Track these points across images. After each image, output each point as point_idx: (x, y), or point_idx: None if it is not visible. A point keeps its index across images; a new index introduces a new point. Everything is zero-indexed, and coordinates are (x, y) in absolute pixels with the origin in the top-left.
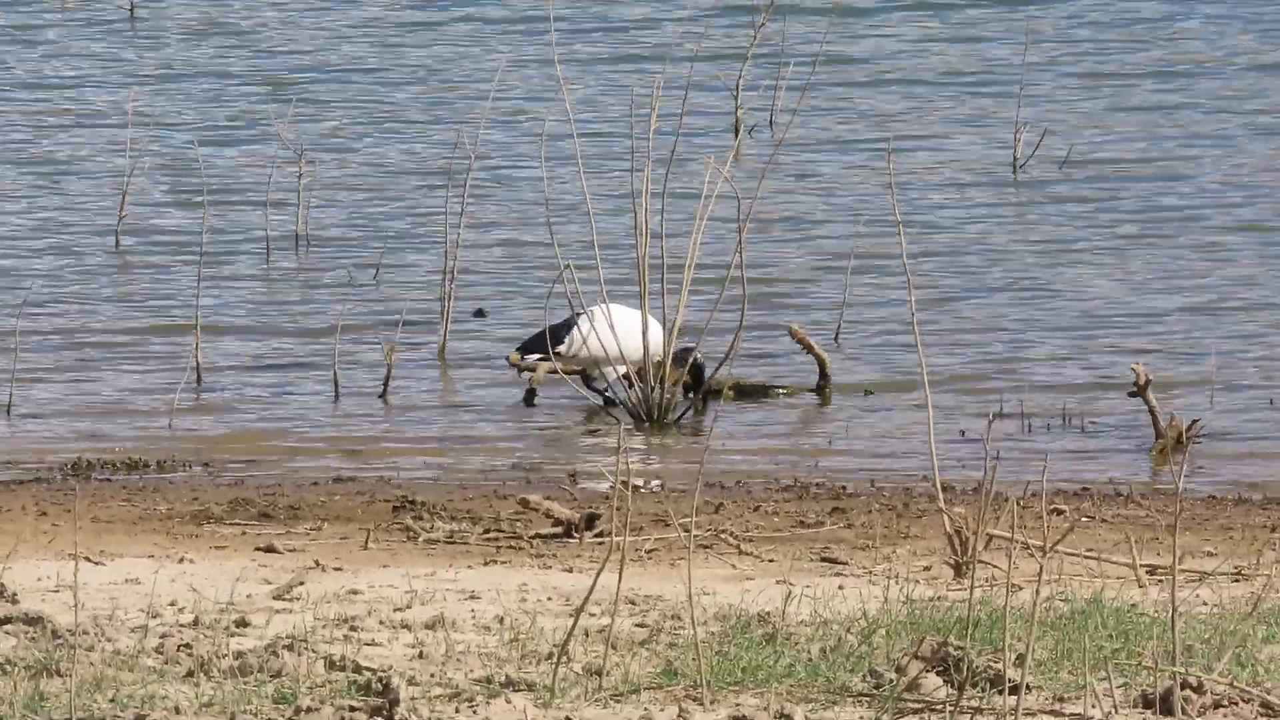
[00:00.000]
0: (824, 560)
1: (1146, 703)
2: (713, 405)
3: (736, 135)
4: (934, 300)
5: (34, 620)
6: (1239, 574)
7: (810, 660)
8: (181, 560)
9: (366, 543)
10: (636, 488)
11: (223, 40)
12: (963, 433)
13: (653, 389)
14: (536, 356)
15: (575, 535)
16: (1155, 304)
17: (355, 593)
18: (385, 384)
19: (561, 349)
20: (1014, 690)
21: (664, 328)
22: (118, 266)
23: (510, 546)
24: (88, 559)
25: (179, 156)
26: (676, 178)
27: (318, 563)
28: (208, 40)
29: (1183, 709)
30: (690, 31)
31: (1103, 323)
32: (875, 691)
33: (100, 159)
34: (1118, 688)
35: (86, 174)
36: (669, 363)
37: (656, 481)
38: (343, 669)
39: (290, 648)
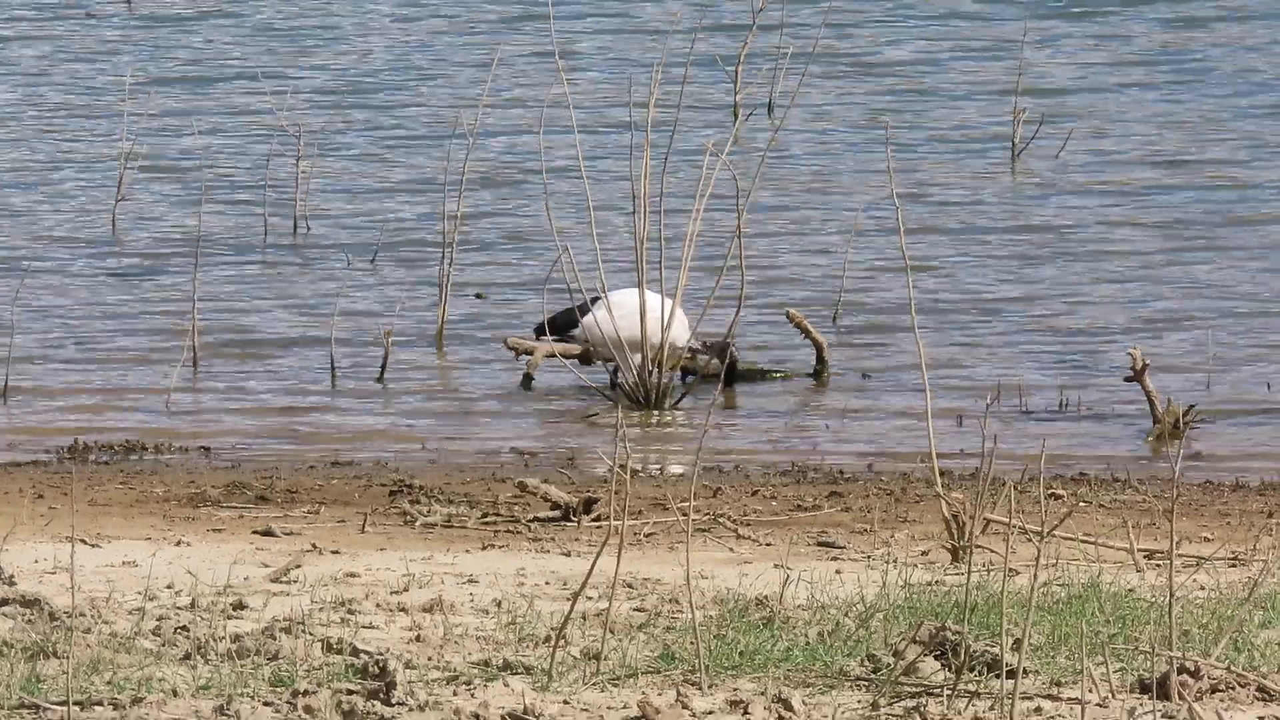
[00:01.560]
0: (821, 544)
1: (1143, 687)
2: (709, 390)
3: (735, 119)
4: (932, 285)
5: (31, 602)
6: (1236, 559)
7: (808, 644)
8: (178, 543)
9: (364, 526)
10: (634, 472)
11: (220, 26)
12: (960, 418)
13: (650, 373)
14: (554, 338)
15: (573, 519)
16: (1152, 289)
17: (352, 576)
18: (382, 367)
19: (576, 332)
20: (1011, 674)
21: (663, 307)
22: (115, 250)
23: (508, 530)
24: (85, 541)
25: (176, 140)
26: (674, 163)
27: (315, 546)
28: (205, 27)
29: (1179, 694)
30: (692, 3)
31: (1100, 308)
32: (873, 675)
33: (97, 143)
34: (1115, 672)
35: (83, 158)
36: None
37: (655, 465)
38: (340, 652)
39: (287, 630)
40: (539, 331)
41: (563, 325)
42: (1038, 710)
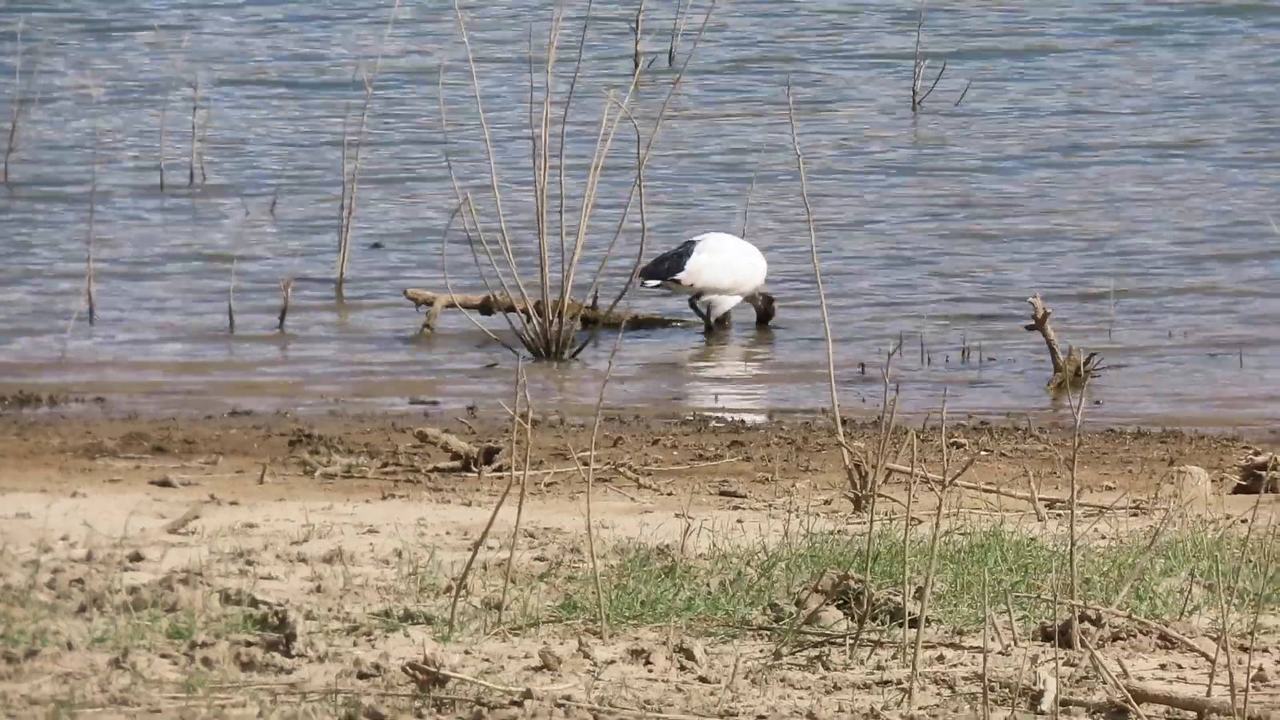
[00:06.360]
0: (723, 494)
1: (1045, 635)
2: (610, 338)
3: (636, 70)
4: (834, 233)
5: None
6: (1137, 508)
7: (710, 594)
8: (74, 495)
9: (263, 477)
10: (535, 421)
11: None
12: (862, 367)
13: (551, 322)
14: (655, 283)
15: (474, 469)
16: (1054, 237)
17: (251, 526)
18: (282, 317)
19: (681, 277)
20: (914, 623)
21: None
22: (8, 198)
23: (408, 480)
24: None
25: (72, 88)
26: (576, 112)
27: (213, 497)
28: None
29: (1081, 642)
30: None
31: (1002, 256)
32: (775, 625)
33: None
34: (1017, 621)
35: None
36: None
37: (555, 415)
38: (239, 603)
39: (185, 582)
40: (643, 276)
41: (666, 271)
42: (940, 658)
